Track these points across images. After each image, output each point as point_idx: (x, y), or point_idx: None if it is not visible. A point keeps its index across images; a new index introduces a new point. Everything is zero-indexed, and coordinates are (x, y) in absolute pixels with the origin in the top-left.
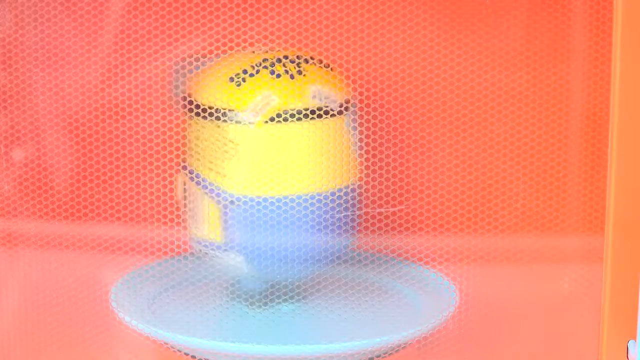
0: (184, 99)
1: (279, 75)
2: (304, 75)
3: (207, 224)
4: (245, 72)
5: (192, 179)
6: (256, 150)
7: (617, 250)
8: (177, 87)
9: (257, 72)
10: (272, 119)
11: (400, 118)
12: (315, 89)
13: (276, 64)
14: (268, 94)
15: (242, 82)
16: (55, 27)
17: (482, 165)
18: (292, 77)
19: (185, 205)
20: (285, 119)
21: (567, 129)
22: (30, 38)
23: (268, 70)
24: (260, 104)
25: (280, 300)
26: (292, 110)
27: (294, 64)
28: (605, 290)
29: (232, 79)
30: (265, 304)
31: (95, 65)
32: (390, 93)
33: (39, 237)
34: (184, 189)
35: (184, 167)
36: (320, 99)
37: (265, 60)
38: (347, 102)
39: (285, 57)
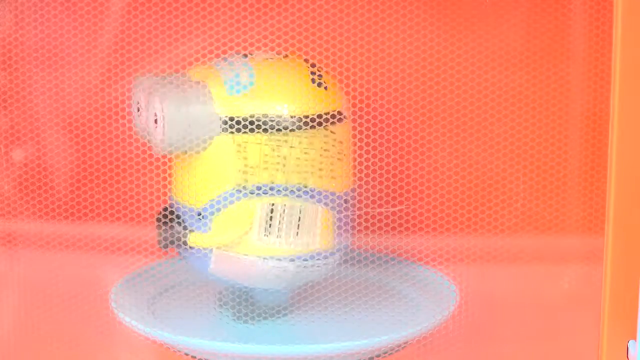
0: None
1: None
2: (325, 72)
3: (321, 235)
4: (316, 75)
5: (297, 195)
6: (349, 144)
7: (617, 250)
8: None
9: (321, 73)
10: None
11: (401, 118)
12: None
13: (308, 62)
14: (340, 88)
15: (322, 83)
16: (55, 27)
17: (482, 165)
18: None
19: (267, 233)
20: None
21: (567, 129)
22: (30, 38)
23: (324, 71)
24: (345, 100)
25: (294, 309)
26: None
27: (311, 63)
28: (605, 290)
29: (313, 81)
30: (284, 314)
31: (95, 65)
32: (391, 93)
33: (39, 237)
34: (270, 213)
35: (272, 189)
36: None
37: (306, 61)
38: None
39: (298, 57)
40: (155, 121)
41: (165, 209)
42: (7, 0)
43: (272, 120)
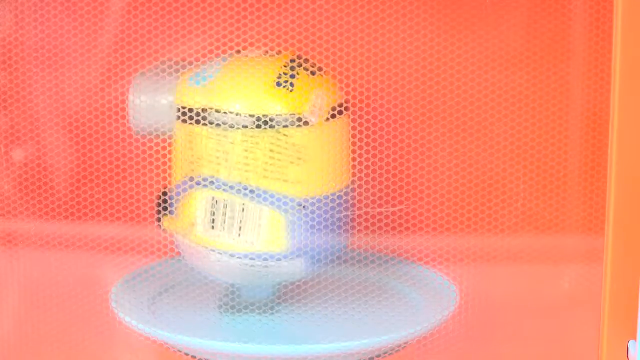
0: (205, 111)
1: (314, 73)
2: (324, 72)
3: (267, 236)
4: (285, 74)
5: (238, 192)
6: (319, 150)
7: (617, 250)
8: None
9: (296, 73)
10: (329, 116)
11: (401, 118)
12: (337, 84)
13: (303, 63)
14: (319, 92)
15: (290, 86)
16: (55, 27)
17: (482, 165)
18: (323, 75)
19: (213, 226)
20: (338, 115)
21: (567, 129)
22: (30, 38)
23: (307, 72)
24: (317, 104)
25: (282, 304)
26: (335, 106)
27: (310, 63)
28: (605, 290)
29: (278, 84)
30: (271, 308)
31: (95, 65)
32: (391, 93)
33: (39, 237)
34: (213, 207)
35: (211, 182)
36: (342, 94)
37: (292, 61)
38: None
39: (298, 56)
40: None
41: (162, 189)
42: (7, 0)
43: (215, 114)
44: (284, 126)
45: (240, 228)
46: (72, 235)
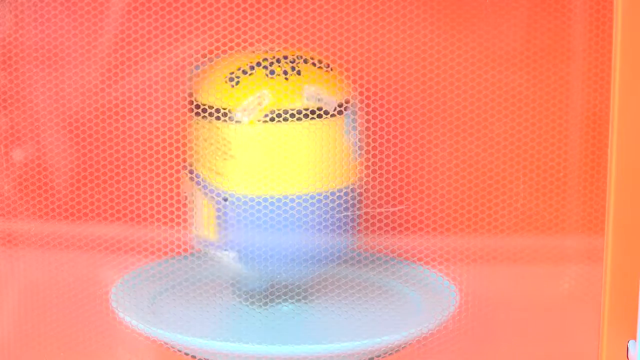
0: (189, 97)
1: (272, 73)
2: (301, 75)
3: (203, 222)
4: (244, 72)
5: (191, 178)
6: (250, 149)
7: (617, 250)
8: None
9: (253, 71)
10: (267, 119)
11: (401, 118)
12: (310, 89)
13: (274, 63)
14: (261, 93)
15: (237, 81)
16: (55, 27)
17: (482, 165)
18: (286, 77)
19: (186, 204)
20: (280, 119)
21: (567, 129)
22: (30, 38)
23: (265, 70)
24: (253, 103)
25: (281, 300)
26: (286, 110)
27: (291, 64)
28: (605, 290)
29: (230, 79)
30: (266, 303)
31: (95, 65)
32: (391, 93)
33: (39, 237)
34: (184, 186)
35: (185, 166)
36: (315, 100)
37: (264, 59)
38: (347, 102)
39: (285, 57)
40: None
41: None
42: (7, 0)
43: (188, 100)
44: (216, 118)
45: (193, 210)
46: (72, 235)
